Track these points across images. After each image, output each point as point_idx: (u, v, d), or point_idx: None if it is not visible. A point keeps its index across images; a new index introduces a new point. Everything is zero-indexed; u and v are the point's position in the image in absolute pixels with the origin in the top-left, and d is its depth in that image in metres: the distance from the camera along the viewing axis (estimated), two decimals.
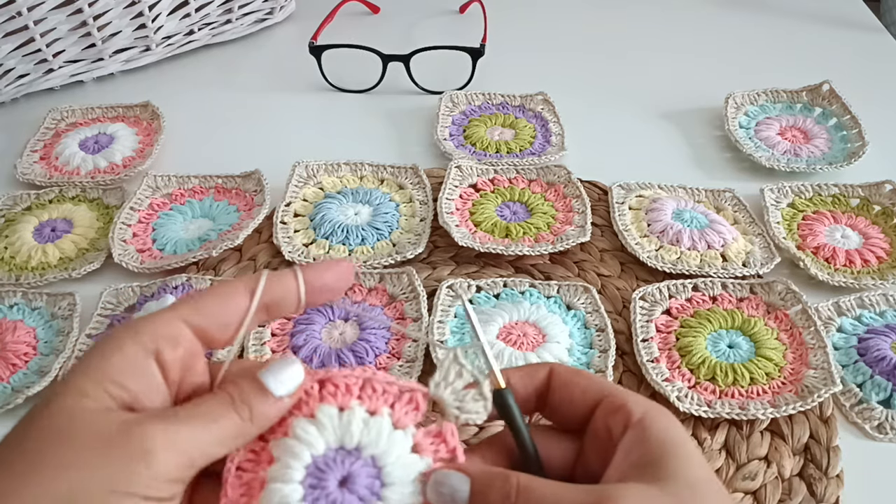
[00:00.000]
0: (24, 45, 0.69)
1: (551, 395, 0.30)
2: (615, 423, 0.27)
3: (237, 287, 0.27)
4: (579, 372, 0.30)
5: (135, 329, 0.25)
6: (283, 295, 0.28)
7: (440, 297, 0.52)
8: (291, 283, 0.28)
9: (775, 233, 0.57)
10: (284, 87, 0.76)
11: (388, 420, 0.27)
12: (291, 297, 0.28)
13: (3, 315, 0.52)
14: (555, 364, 0.30)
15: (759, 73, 0.76)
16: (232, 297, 0.27)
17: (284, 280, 0.28)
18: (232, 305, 0.27)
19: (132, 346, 0.25)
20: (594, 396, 0.29)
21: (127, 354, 0.25)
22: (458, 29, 0.85)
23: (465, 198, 0.61)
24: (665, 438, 0.26)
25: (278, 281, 0.28)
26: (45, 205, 0.61)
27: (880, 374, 0.47)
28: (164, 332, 0.26)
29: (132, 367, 0.25)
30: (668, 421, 0.27)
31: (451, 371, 0.27)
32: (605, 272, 0.56)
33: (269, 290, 0.27)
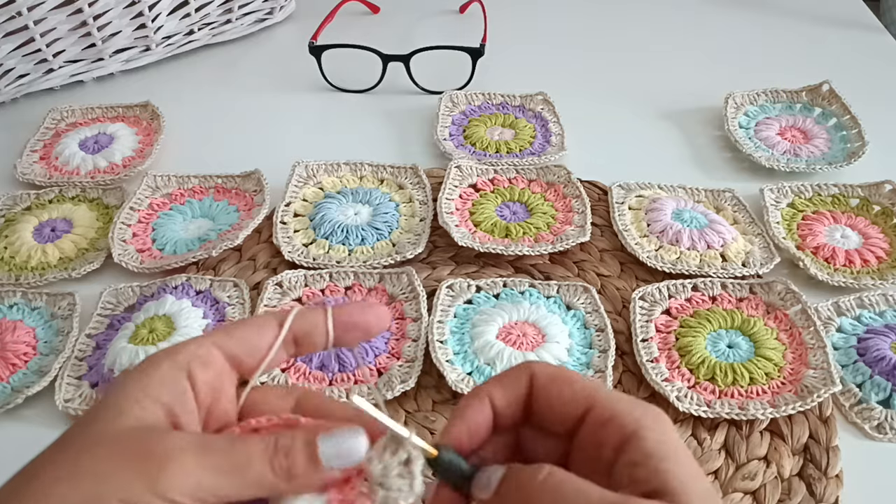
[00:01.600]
0: (24, 45, 0.69)
1: (534, 404, 0.28)
2: (607, 436, 0.26)
3: (269, 318, 0.29)
4: (562, 376, 0.28)
5: (171, 349, 0.27)
6: (311, 329, 0.29)
7: (440, 297, 0.52)
8: (320, 318, 0.29)
9: (775, 233, 0.57)
10: (284, 87, 0.76)
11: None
12: (319, 332, 0.29)
13: (3, 315, 0.52)
14: (535, 366, 0.28)
15: (759, 73, 0.76)
16: (263, 327, 0.28)
17: (313, 315, 0.29)
18: (262, 335, 0.28)
19: (166, 362, 0.26)
20: (579, 407, 0.27)
21: (161, 369, 0.26)
22: (458, 29, 0.85)
23: (464, 198, 0.61)
24: (665, 451, 0.25)
25: (307, 315, 0.29)
26: (45, 205, 0.61)
27: (880, 374, 0.47)
28: (197, 353, 0.27)
29: (166, 380, 0.26)
30: (663, 430, 0.26)
31: (386, 447, 0.25)
32: (604, 272, 0.56)
33: (297, 323, 0.28)
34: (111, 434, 0.24)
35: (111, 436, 0.24)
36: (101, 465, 0.23)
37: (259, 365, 0.28)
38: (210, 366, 0.27)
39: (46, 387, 0.47)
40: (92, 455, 0.24)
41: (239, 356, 0.28)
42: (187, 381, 0.26)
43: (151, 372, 0.26)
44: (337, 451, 0.25)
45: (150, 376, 0.26)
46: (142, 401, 0.25)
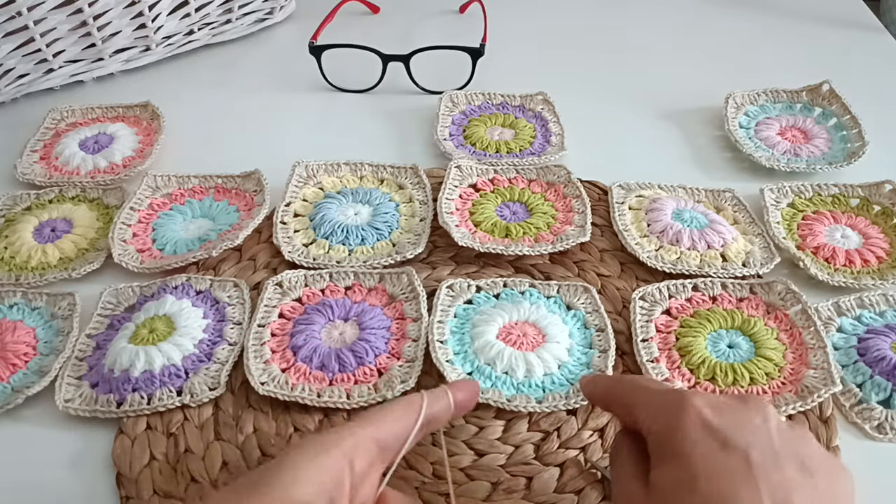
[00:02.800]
0: (24, 45, 0.69)
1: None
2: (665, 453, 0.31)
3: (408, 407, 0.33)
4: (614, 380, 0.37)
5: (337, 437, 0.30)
6: (440, 413, 0.34)
7: (440, 297, 0.52)
8: (446, 401, 0.35)
9: (775, 233, 0.57)
10: (284, 87, 0.76)
11: None
12: (445, 414, 0.35)
13: (3, 315, 0.52)
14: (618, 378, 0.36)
15: (759, 73, 0.76)
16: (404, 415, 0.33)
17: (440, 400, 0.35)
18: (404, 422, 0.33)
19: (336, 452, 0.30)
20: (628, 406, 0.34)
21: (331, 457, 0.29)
22: (458, 29, 0.85)
23: (464, 198, 0.61)
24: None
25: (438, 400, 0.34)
26: (45, 205, 0.61)
27: (880, 374, 0.47)
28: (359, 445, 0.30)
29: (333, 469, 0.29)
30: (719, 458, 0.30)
31: None
32: (604, 272, 0.56)
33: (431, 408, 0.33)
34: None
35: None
36: None
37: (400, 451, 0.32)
38: (367, 456, 0.31)
39: (46, 387, 0.47)
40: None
41: (386, 443, 0.32)
42: (349, 470, 0.30)
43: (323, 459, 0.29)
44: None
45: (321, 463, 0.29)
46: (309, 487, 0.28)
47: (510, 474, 0.44)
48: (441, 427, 0.35)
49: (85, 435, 0.46)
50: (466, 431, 0.45)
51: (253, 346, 0.49)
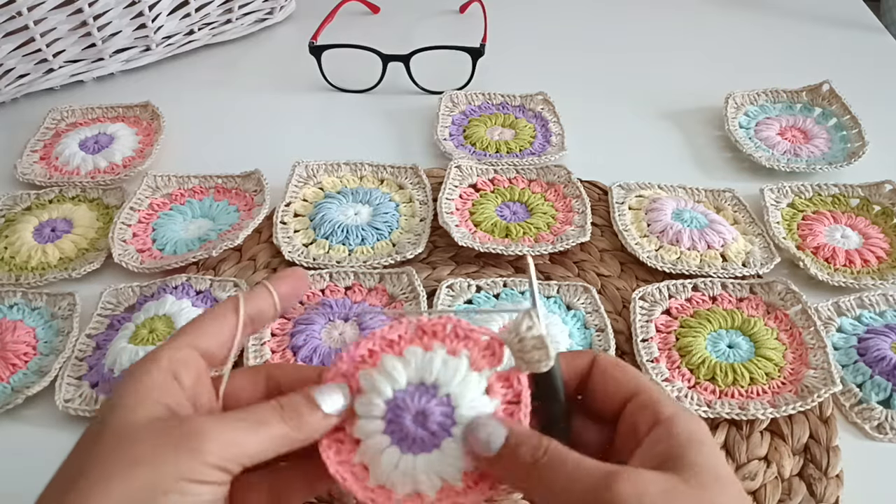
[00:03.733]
0: (24, 45, 0.69)
1: (590, 383, 0.31)
2: (643, 419, 0.28)
3: (225, 309, 0.31)
4: (620, 364, 0.31)
5: (152, 356, 0.29)
6: (264, 309, 0.32)
7: (440, 297, 0.52)
8: (267, 295, 0.32)
9: (775, 233, 0.57)
10: (284, 87, 0.76)
11: (465, 362, 0.29)
12: (270, 310, 0.32)
13: (3, 315, 0.52)
14: (599, 354, 0.31)
15: (759, 73, 0.76)
16: (223, 317, 0.31)
17: (260, 295, 0.32)
18: (224, 325, 0.31)
19: (155, 369, 0.28)
20: (628, 391, 0.30)
21: (153, 375, 0.28)
22: (458, 29, 0.85)
23: (464, 198, 0.61)
24: (691, 437, 0.27)
25: (255, 297, 0.32)
26: (45, 205, 0.61)
27: (880, 374, 0.47)
28: (178, 357, 0.29)
29: (160, 385, 0.28)
30: (697, 423, 0.28)
31: (522, 325, 0.29)
32: (604, 272, 0.56)
33: (249, 305, 0.31)
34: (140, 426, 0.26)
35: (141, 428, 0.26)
36: (147, 453, 0.25)
37: (229, 354, 0.31)
38: (191, 366, 0.29)
39: (46, 387, 0.47)
40: (133, 446, 0.25)
41: (210, 350, 0.30)
42: (177, 384, 0.28)
43: (145, 380, 0.28)
44: (331, 400, 0.29)
45: (144, 384, 0.28)
46: (146, 402, 0.27)
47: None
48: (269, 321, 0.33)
49: None
50: None
51: (253, 346, 0.49)
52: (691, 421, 0.28)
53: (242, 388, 0.32)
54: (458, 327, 0.30)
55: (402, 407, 0.28)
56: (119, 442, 0.26)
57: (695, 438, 0.27)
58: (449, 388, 0.29)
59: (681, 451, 0.26)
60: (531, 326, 0.29)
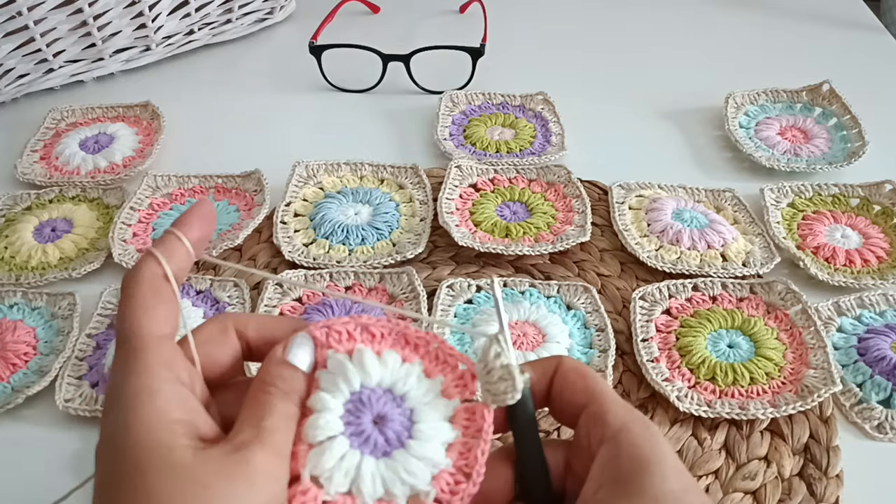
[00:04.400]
0: (24, 45, 0.69)
1: (552, 390, 0.29)
2: (594, 433, 0.27)
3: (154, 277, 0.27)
4: (580, 370, 0.29)
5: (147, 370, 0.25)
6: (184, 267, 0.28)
7: (440, 297, 0.52)
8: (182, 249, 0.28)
9: (775, 232, 0.57)
10: (284, 87, 0.76)
11: (438, 387, 0.28)
12: (187, 261, 0.29)
13: (3, 315, 0.52)
14: (563, 358, 0.29)
15: (759, 73, 0.76)
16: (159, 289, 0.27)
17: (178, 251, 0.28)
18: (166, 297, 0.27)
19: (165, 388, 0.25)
20: (583, 399, 0.28)
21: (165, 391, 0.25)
22: (458, 29, 0.85)
23: (465, 197, 0.61)
24: (637, 454, 0.25)
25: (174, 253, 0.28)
26: (45, 204, 0.61)
27: (880, 373, 0.47)
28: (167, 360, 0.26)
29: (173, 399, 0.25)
30: (644, 435, 0.26)
31: (489, 352, 0.27)
32: (605, 272, 0.56)
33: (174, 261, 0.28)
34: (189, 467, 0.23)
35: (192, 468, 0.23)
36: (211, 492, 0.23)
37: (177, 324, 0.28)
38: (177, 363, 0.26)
39: (47, 387, 0.47)
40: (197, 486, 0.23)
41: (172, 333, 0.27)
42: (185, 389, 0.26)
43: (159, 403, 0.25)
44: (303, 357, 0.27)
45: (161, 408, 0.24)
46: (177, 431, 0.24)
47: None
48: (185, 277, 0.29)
49: (85, 435, 0.46)
50: None
51: None
52: (637, 433, 0.26)
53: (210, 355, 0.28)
54: (441, 350, 0.29)
55: (365, 403, 0.27)
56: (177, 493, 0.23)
57: (640, 455, 0.25)
58: (414, 405, 0.28)
59: (626, 476, 0.25)
60: (499, 354, 0.27)
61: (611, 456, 0.26)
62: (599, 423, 0.27)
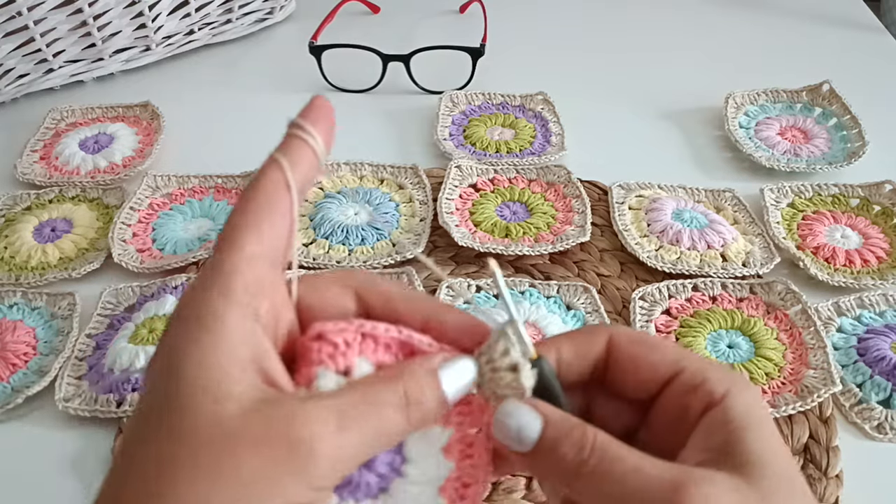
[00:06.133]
0: (24, 45, 0.69)
1: (612, 368, 0.26)
2: (694, 401, 0.24)
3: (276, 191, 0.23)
4: (647, 341, 0.26)
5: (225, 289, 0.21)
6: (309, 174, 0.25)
7: (440, 297, 0.52)
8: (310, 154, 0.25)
9: (775, 233, 0.57)
10: (284, 87, 0.76)
11: None
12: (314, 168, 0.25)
13: (3, 315, 0.52)
14: (615, 331, 0.26)
15: (759, 73, 0.76)
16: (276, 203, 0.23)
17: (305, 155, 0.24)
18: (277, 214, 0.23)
19: (232, 314, 0.21)
20: (667, 371, 0.25)
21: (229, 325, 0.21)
22: (458, 29, 0.85)
23: (464, 198, 0.61)
24: (749, 420, 0.23)
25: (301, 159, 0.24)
26: (45, 205, 0.61)
27: (880, 374, 0.47)
28: (249, 285, 0.22)
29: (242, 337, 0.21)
30: (753, 398, 0.24)
31: (496, 347, 0.25)
32: (604, 272, 0.56)
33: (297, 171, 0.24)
34: (235, 425, 0.20)
35: (236, 427, 0.20)
36: (245, 466, 0.19)
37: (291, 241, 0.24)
38: (263, 290, 0.22)
39: (46, 387, 0.47)
40: (231, 455, 0.20)
41: (275, 252, 0.23)
42: (259, 327, 0.22)
43: (222, 332, 0.21)
44: (457, 387, 0.24)
45: (225, 341, 0.21)
46: (232, 378, 0.20)
47: (510, 474, 0.44)
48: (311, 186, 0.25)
49: (85, 435, 0.46)
50: None
51: None
52: (747, 395, 0.24)
53: (324, 301, 0.25)
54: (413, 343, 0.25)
55: None
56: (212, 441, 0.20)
57: (754, 421, 0.23)
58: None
59: (738, 445, 0.23)
60: (507, 351, 0.24)
61: (719, 422, 0.23)
62: (701, 390, 0.24)
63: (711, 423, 0.24)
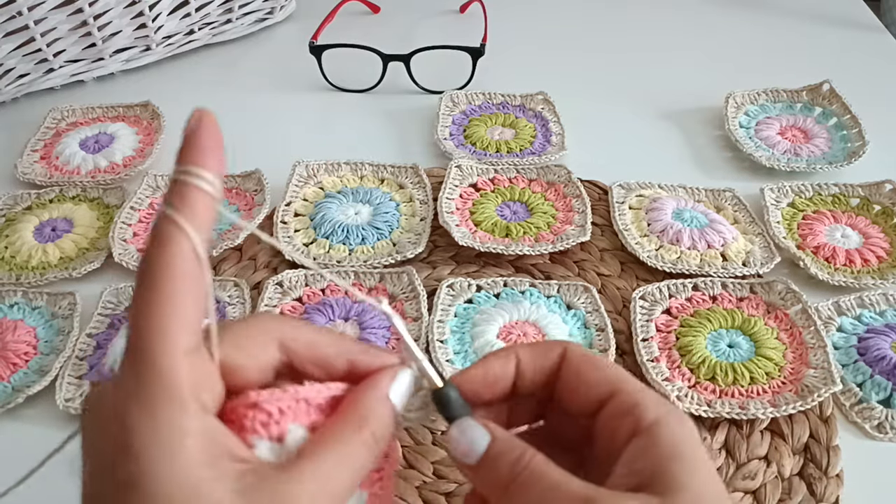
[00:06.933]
0: (25, 45, 0.69)
1: (560, 381, 0.27)
2: (622, 426, 0.25)
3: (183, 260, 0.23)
4: (592, 359, 0.27)
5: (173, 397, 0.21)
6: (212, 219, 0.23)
7: (440, 297, 0.52)
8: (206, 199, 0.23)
9: (775, 232, 0.57)
10: (284, 87, 0.76)
11: None
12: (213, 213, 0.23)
13: (4, 314, 0.52)
14: (570, 345, 0.28)
15: (760, 73, 0.76)
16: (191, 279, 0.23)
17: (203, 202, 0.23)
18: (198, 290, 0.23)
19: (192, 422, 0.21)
20: (604, 391, 0.26)
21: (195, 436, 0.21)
22: (458, 28, 0.85)
23: (465, 197, 0.61)
24: (675, 449, 0.24)
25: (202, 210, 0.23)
26: (46, 204, 0.61)
27: (880, 373, 0.47)
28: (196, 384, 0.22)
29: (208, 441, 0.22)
30: (683, 429, 0.25)
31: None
32: (605, 272, 0.56)
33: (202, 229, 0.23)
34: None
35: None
36: None
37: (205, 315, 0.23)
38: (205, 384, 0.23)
39: (47, 386, 0.47)
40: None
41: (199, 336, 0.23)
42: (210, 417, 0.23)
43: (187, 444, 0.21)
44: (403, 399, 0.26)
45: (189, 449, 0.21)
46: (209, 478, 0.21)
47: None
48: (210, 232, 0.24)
49: None
50: None
51: None
52: (678, 428, 0.25)
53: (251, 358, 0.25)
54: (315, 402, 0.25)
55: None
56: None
57: (679, 452, 0.24)
58: None
59: (664, 469, 0.23)
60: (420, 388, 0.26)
61: (644, 448, 0.24)
62: (630, 415, 0.25)
63: (636, 450, 0.25)
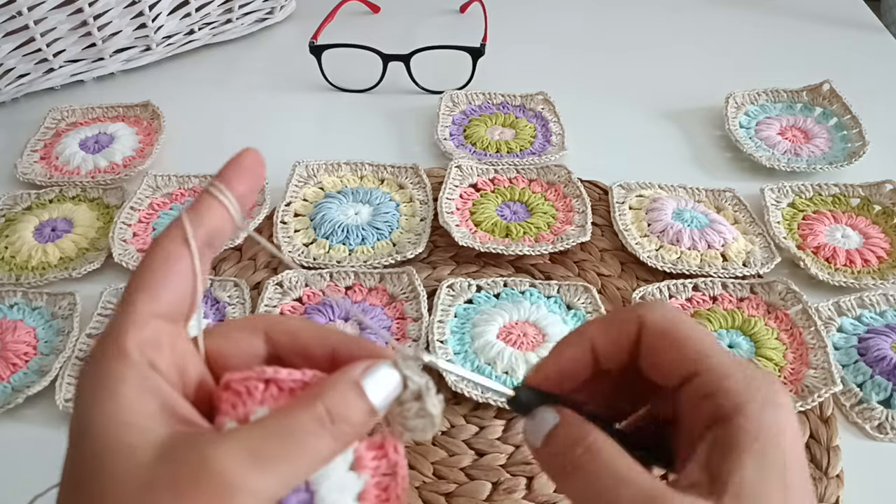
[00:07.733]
0: (25, 45, 0.69)
1: (641, 357, 0.25)
2: (701, 412, 0.23)
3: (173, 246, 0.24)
4: (671, 334, 0.24)
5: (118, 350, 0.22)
6: (218, 225, 0.25)
7: (440, 297, 0.52)
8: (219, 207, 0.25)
9: (775, 232, 0.57)
10: (284, 87, 0.76)
11: None
12: (227, 223, 0.25)
13: (4, 315, 0.52)
14: (646, 314, 0.25)
15: (760, 73, 0.76)
16: (174, 260, 0.24)
17: (211, 208, 0.25)
18: (178, 269, 0.24)
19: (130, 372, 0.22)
20: (685, 371, 0.24)
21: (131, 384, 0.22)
22: (458, 28, 0.85)
23: (465, 197, 0.61)
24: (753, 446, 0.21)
25: (206, 212, 0.24)
26: (46, 204, 0.61)
27: (880, 373, 0.47)
28: (144, 339, 0.22)
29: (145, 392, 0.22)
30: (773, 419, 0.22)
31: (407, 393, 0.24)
32: (605, 272, 0.56)
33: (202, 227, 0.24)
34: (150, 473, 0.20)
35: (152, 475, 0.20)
36: None
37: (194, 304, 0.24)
38: (163, 344, 0.23)
39: (47, 386, 0.47)
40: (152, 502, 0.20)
41: (173, 309, 0.23)
42: (158, 376, 0.22)
43: (121, 390, 0.21)
44: (385, 396, 0.23)
45: (122, 397, 0.21)
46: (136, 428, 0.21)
47: (510, 474, 0.44)
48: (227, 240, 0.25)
49: None
50: (467, 431, 0.45)
51: None
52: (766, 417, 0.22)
53: (236, 346, 0.25)
54: None
55: None
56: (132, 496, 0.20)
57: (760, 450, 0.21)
58: None
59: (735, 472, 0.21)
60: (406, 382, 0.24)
61: (719, 443, 0.22)
62: (710, 401, 0.23)
63: (714, 441, 0.22)
